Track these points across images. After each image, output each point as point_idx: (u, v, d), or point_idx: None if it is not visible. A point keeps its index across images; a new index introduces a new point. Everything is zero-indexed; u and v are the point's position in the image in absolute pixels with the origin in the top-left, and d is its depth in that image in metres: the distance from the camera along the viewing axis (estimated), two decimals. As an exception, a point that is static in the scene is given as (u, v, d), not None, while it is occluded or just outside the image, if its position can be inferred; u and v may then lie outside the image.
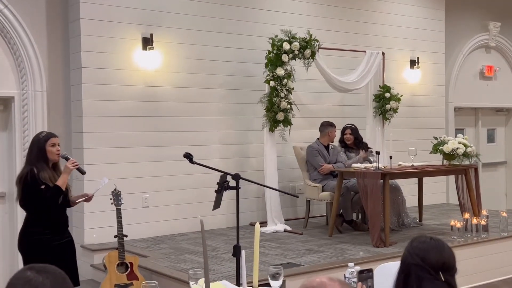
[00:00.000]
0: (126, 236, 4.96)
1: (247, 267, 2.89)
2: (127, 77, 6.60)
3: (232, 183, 3.92)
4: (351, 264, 2.88)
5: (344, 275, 2.88)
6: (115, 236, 4.93)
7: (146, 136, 6.73)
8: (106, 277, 4.90)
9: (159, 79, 6.83)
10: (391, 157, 6.25)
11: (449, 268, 2.15)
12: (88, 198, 4.50)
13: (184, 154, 4.10)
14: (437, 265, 2.13)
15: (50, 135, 4.28)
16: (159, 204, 6.80)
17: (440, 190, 9.44)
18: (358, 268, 2.83)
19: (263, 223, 7.13)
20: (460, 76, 10.11)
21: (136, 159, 6.64)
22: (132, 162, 6.61)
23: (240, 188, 3.94)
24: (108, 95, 6.47)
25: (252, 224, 7.26)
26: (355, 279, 2.73)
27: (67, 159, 4.33)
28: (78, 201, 4.47)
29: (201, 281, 2.63)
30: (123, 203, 4.96)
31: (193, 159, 4.12)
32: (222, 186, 3.94)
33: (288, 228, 6.96)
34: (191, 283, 2.69)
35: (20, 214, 6.24)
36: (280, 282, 2.69)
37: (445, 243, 2.22)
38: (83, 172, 4.42)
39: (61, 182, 4.16)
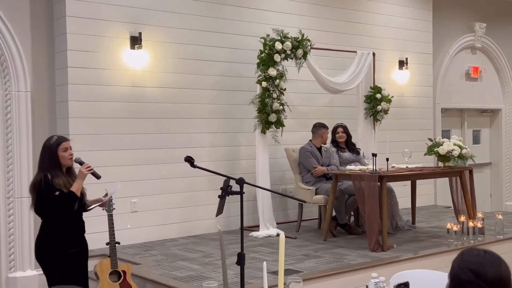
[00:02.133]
0: (118, 243, 4.74)
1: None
2: (114, 77, 6.37)
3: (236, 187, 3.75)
4: (374, 275, 2.72)
5: (367, 286, 2.72)
6: (107, 244, 4.71)
7: (134, 138, 6.51)
8: (98, 286, 4.68)
9: (148, 79, 6.61)
10: (387, 159, 6.13)
11: (506, 284, 1.98)
12: (103, 204, 4.38)
13: (185, 158, 3.91)
14: (493, 281, 1.95)
15: (61, 140, 4.13)
16: (148, 209, 6.58)
17: (428, 192, 9.36)
18: (383, 278, 2.67)
19: (255, 227, 6.96)
20: (446, 77, 10.08)
21: (124, 162, 6.42)
22: (120, 165, 6.37)
23: (244, 193, 3.77)
24: (94, 96, 6.23)
25: (244, 229, 7.04)
26: (381, 291, 2.58)
27: (81, 163, 4.18)
28: (92, 206, 4.29)
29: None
30: (114, 209, 4.74)
31: (194, 163, 3.94)
32: (226, 191, 3.77)
33: (280, 232, 6.79)
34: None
35: (4, 220, 6.01)
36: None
37: (500, 256, 2.05)
38: (98, 177, 4.23)
39: (75, 188, 4.04)
